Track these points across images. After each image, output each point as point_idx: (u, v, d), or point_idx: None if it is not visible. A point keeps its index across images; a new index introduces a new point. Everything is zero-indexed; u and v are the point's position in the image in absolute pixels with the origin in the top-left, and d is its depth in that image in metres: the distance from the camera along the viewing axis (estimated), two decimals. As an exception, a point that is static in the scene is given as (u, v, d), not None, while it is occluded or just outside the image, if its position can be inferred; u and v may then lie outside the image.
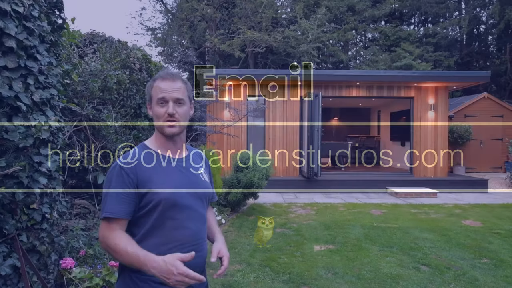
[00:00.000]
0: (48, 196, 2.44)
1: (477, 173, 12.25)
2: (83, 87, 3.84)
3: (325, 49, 20.87)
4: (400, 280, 3.54)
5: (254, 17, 18.29)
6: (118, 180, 1.22)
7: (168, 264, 1.10)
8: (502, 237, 5.03)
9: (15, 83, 2.10)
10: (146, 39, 42.00)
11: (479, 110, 12.77)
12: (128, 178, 1.22)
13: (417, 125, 10.05)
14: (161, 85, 1.31)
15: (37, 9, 2.30)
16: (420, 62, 16.96)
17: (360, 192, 9.01)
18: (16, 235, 2.19)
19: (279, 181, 9.05)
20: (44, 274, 2.48)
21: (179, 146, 1.39)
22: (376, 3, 19.96)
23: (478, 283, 3.49)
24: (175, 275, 1.09)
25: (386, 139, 13.50)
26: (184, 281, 1.10)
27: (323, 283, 3.46)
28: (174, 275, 1.09)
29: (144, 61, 4.91)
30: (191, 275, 1.10)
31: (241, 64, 19.54)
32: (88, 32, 6.00)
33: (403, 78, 9.49)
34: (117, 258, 1.18)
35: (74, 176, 4.00)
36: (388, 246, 4.61)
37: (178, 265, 1.10)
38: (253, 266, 3.89)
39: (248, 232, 5.21)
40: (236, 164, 6.57)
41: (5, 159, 2.07)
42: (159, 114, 1.30)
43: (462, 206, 7.28)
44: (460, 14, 20.82)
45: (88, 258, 3.08)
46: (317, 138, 8.70)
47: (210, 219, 1.55)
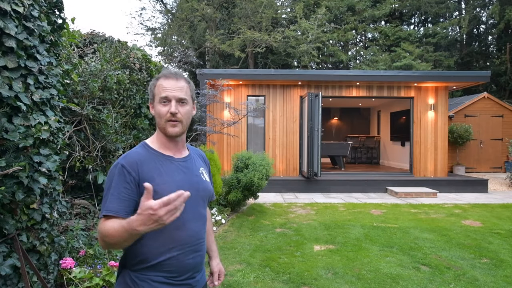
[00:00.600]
0: (48, 196, 2.44)
1: (477, 173, 12.25)
2: (83, 87, 3.84)
3: (325, 49, 20.87)
4: (400, 280, 3.54)
5: (254, 17, 18.29)
6: (120, 179, 1.21)
7: (143, 212, 0.99)
8: (502, 237, 5.03)
9: (15, 83, 2.10)
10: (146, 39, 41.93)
11: (479, 110, 12.78)
12: (130, 177, 1.21)
13: (417, 125, 10.06)
14: (164, 84, 1.30)
15: (37, 9, 2.30)
16: (420, 62, 16.96)
17: (360, 192, 9.02)
18: (16, 235, 2.19)
19: (279, 181, 9.06)
20: (44, 274, 2.48)
21: (181, 145, 1.39)
22: (376, 3, 19.95)
23: (478, 283, 3.49)
24: (155, 213, 0.98)
25: (386, 139, 13.51)
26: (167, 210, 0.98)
27: (323, 283, 3.46)
28: (155, 213, 0.98)
29: (144, 61, 4.91)
30: (167, 200, 0.98)
31: (241, 64, 19.54)
32: (88, 32, 6.00)
33: (403, 78, 9.49)
34: (111, 242, 1.12)
35: (74, 176, 4.00)
36: (388, 246, 4.61)
37: (149, 204, 0.98)
38: (253, 266, 3.89)
39: (248, 232, 5.21)
40: (236, 164, 6.57)
41: (5, 159, 2.07)
42: (161, 113, 1.29)
43: (462, 206, 7.28)
44: (460, 14, 20.81)
45: (88, 258, 3.08)
46: (317, 138, 8.70)
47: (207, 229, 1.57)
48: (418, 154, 10.04)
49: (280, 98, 9.95)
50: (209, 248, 1.59)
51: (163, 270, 1.23)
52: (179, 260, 1.25)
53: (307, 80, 9.60)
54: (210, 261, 1.60)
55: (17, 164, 2.11)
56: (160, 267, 1.23)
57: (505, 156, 12.81)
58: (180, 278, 1.26)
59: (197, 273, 1.33)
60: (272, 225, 5.62)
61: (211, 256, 1.60)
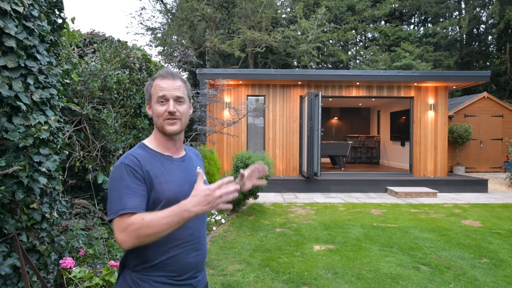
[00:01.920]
0: (48, 195, 2.44)
1: (477, 173, 12.25)
2: (83, 87, 3.84)
3: (325, 49, 20.88)
4: (400, 280, 3.54)
5: (254, 17, 18.29)
6: (130, 176, 1.19)
7: (199, 193, 1.07)
8: (502, 237, 5.03)
9: (15, 82, 2.10)
10: (146, 39, 41.96)
11: (479, 110, 12.78)
12: (138, 174, 1.21)
13: (417, 125, 10.06)
14: (161, 83, 1.30)
15: (37, 8, 2.30)
16: (420, 62, 16.95)
17: (360, 192, 9.02)
18: (16, 235, 2.19)
19: (279, 180, 9.06)
20: (44, 274, 2.48)
21: (179, 145, 1.39)
22: (376, 3, 19.95)
23: (478, 283, 3.49)
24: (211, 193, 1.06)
25: (386, 139, 13.51)
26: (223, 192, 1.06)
27: (323, 283, 3.46)
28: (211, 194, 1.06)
29: (144, 61, 4.91)
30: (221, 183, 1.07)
31: (241, 64, 19.55)
32: (88, 32, 6.00)
33: (403, 78, 9.49)
34: (152, 232, 1.09)
35: (74, 175, 4.00)
36: (388, 246, 4.61)
37: (206, 186, 1.08)
38: (253, 265, 3.89)
39: (248, 232, 5.21)
40: (236, 164, 6.58)
41: (5, 159, 2.07)
42: (159, 112, 1.29)
43: (462, 206, 7.29)
44: (460, 14, 20.81)
45: (88, 258, 3.08)
46: (317, 138, 8.71)
47: None
48: (418, 154, 10.04)
49: (280, 98, 9.95)
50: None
51: (164, 269, 1.23)
52: (180, 259, 1.25)
53: (307, 80, 9.60)
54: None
55: (17, 164, 2.11)
56: (162, 266, 1.23)
57: (505, 156, 12.81)
58: (182, 278, 1.26)
59: (198, 272, 1.33)
60: (272, 225, 5.62)
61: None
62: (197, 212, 1.07)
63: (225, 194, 1.07)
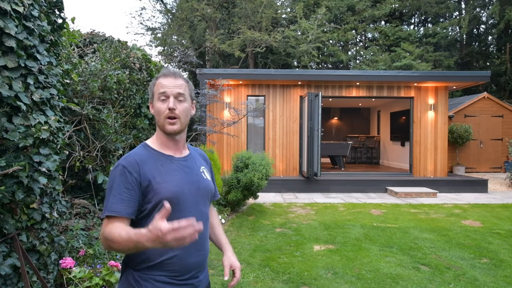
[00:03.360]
0: (48, 195, 2.44)
1: (477, 173, 12.25)
2: (83, 87, 3.84)
3: (325, 49, 20.87)
4: (400, 280, 3.54)
5: (254, 17, 18.29)
6: (122, 179, 1.22)
7: (153, 231, 1.00)
8: (502, 237, 5.03)
9: (15, 82, 2.10)
10: (146, 39, 41.95)
11: (479, 110, 12.78)
12: (131, 177, 1.22)
13: (417, 125, 10.06)
14: (163, 81, 1.32)
15: (37, 8, 2.30)
16: (420, 62, 16.95)
17: (360, 192, 9.02)
18: (16, 235, 2.19)
19: (279, 181, 9.06)
20: (44, 274, 2.48)
21: (181, 145, 1.39)
22: (376, 3, 19.94)
23: (478, 283, 3.49)
24: (163, 237, 0.98)
25: (386, 139, 13.51)
26: (179, 235, 0.98)
27: (323, 283, 3.46)
28: (162, 237, 0.98)
29: (144, 61, 4.91)
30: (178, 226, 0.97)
31: (241, 64, 19.54)
32: (88, 32, 6.00)
33: (403, 78, 9.49)
34: (116, 248, 1.11)
35: (74, 175, 4.00)
36: (388, 246, 4.61)
37: (160, 226, 0.98)
38: (253, 266, 3.89)
39: (248, 232, 5.21)
40: (236, 164, 6.57)
41: (5, 159, 2.07)
42: (160, 110, 1.30)
43: (462, 206, 7.29)
44: (460, 14, 20.81)
45: (88, 258, 3.08)
46: (317, 138, 8.71)
47: (214, 223, 1.58)
48: (418, 154, 10.04)
49: (280, 98, 9.95)
50: (218, 242, 1.56)
51: (166, 269, 1.23)
52: (181, 258, 1.25)
53: (307, 80, 9.60)
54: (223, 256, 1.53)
55: (17, 164, 2.11)
56: (163, 266, 1.23)
57: (505, 156, 12.81)
58: (183, 278, 1.26)
59: (200, 272, 1.33)
60: (272, 225, 5.62)
61: (222, 250, 1.54)
62: (152, 247, 1.04)
63: (179, 239, 0.98)
